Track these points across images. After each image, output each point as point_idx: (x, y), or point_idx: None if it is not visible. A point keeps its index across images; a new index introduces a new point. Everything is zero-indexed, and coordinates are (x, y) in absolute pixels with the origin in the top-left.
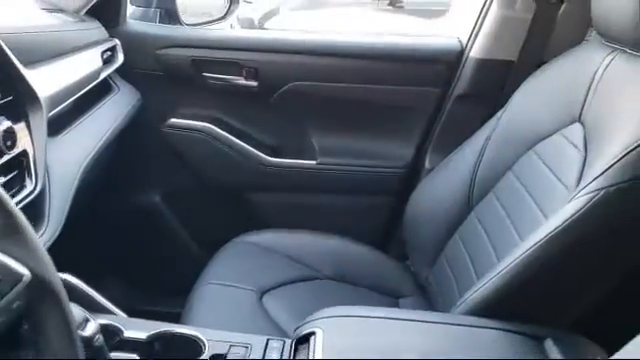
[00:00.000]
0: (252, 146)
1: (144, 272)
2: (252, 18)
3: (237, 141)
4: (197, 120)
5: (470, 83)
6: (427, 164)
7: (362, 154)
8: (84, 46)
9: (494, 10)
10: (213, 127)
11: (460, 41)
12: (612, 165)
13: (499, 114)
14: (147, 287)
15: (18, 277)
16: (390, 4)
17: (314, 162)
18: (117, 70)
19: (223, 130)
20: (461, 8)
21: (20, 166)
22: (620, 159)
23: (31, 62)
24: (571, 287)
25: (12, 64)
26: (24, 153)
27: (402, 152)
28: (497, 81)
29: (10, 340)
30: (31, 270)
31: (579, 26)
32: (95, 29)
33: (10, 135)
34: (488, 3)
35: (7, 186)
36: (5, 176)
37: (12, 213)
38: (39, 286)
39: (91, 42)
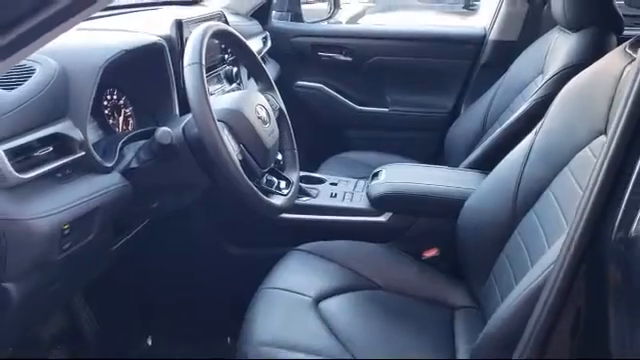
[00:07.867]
0: (347, 99)
1: None
2: (341, 21)
3: (338, 96)
4: (314, 82)
5: (489, 56)
6: (462, 110)
7: (419, 104)
8: (253, 35)
9: (504, 8)
10: (323, 87)
11: (485, 29)
12: (539, 89)
13: (503, 76)
14: None
15: (277, 107)
16: (465, 7)
17: (387, 109)
18: (267, 51)
19: (330, 89)
20: (486, 9)
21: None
22: (542, 85)
23: None
24: None
25: None
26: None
27: (446, 102)
28: (505, 54)
29: None
30: (279, 104)
31: None
32: (256, 25)
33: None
34: (500, 4)
35: None
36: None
37: (269, 78)
38: (281, 111)
39: (255, 32)
